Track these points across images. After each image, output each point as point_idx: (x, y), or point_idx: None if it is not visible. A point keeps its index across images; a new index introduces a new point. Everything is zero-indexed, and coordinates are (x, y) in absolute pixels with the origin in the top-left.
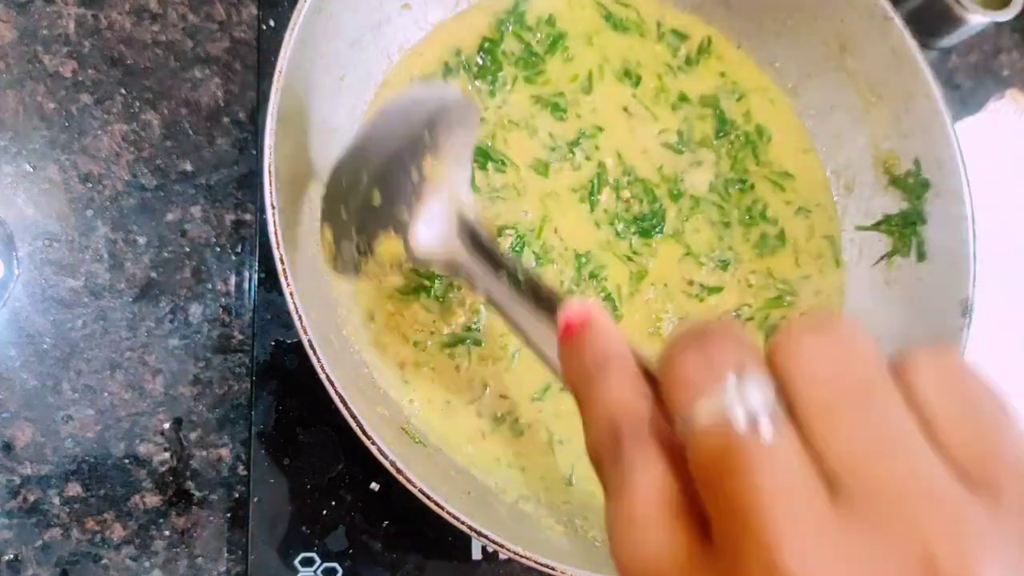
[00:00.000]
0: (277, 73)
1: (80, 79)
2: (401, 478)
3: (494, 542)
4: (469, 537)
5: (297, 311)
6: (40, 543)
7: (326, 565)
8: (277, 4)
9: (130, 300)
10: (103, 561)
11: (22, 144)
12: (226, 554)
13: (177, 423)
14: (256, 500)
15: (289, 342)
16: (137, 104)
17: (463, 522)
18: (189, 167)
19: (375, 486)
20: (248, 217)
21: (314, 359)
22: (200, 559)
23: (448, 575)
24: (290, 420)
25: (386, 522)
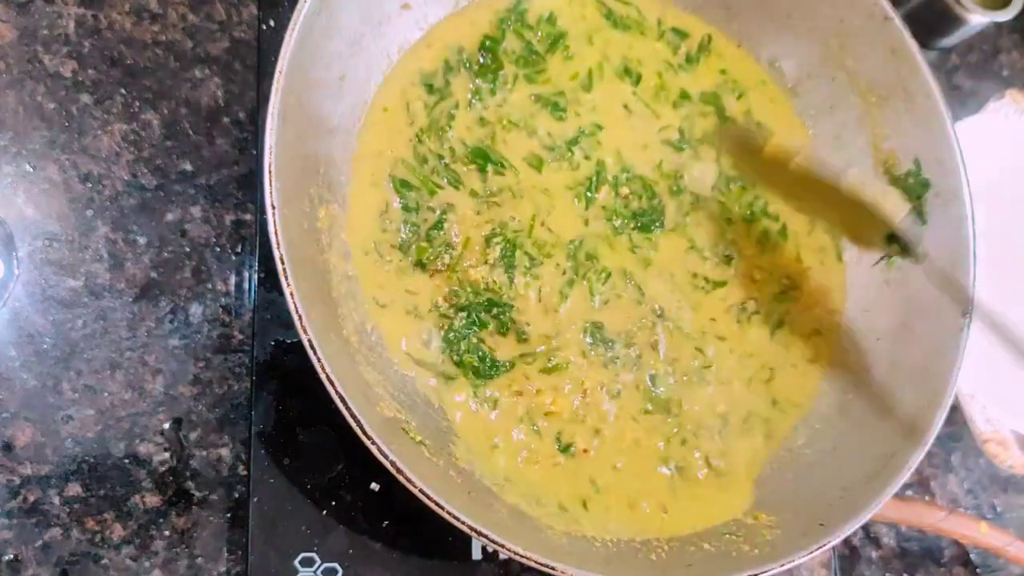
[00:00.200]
0: (277, 73)
1: (80, 79)
2: (401, 478)
3: (494, 542)
4: (469, 537)
5: (297, 311)
6: (40, 543)
7: (326, 565)
8: (277, 4)
9: (130, 300)
10: (103, 561)
11: (22, 144)
12: (226, 554)
13: (177, 423)
14: (256, 500)
15: (289, 342)
16: (137, 104)
17: (463, 522)
18: (189, 167)
19: (375, 486)
20: (248, 217)
21: (314, 359)
22: (200, 559)
23: (448, 575)
24: (290, 420)
25: (386, 522)
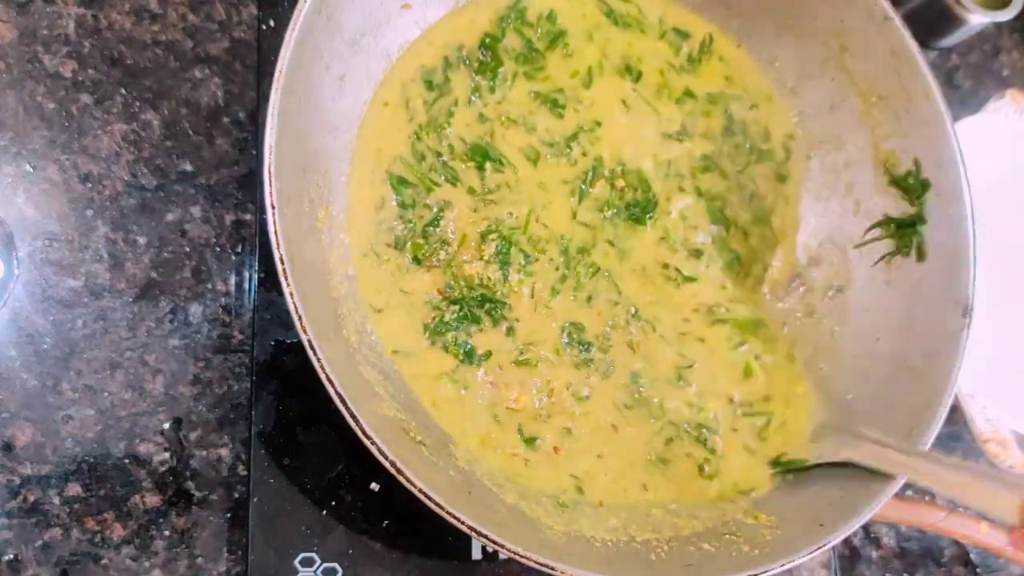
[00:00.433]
0: (277, 73)
1: (80, 79)
2: (401, 478)
3: (494, 542)
4: (469, 537)
5: (297, 311)
6: (40, 543)
7: (326, 565)
8: (277, 4)
9: (130, 300)
10: (103, 561)
11: (22, 144)
12: (226, 554)
13: (177, 423)
14: (256, 500)
15: (289, 342)
16: (137, 104)
17: (463, 522)
18: (189, 167)
19: (375, 486)
20: (248, 217)
21: (314, 359)
22: (200, 559)
23: (448, 575)
24: (290, 420)
25: (386, 522)
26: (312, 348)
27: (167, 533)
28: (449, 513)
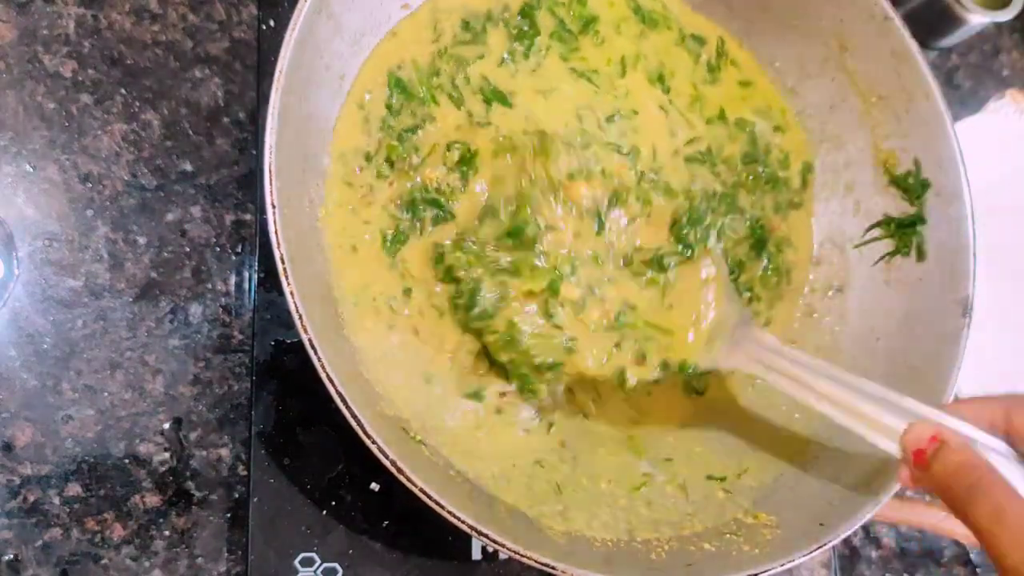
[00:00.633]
0: (277, 73)
1: (80, 79)
2: (402, 478)
3: (494, 542)
4: (469, 537)
5: (297, 311)
6: (40, 543)
7: (326, 565)
8: (277, 4)
9: (130, 300)
10: (103, 561)
11: (22, 144)
12: (226, 554)
13: (177, 423)
14: (256, 500)
15: (289, 342)
16: (137, 104)
17: (463, 522)
18: (189, 167)
19: (375, 486)
20: (248, 217)
21: (314, 359)
22: (200, 559)
23: (448, 575)
24: (290, 420)
25: (386, 522)
26: (312, 348)
27: (167, 533)
28: (449, 512)
